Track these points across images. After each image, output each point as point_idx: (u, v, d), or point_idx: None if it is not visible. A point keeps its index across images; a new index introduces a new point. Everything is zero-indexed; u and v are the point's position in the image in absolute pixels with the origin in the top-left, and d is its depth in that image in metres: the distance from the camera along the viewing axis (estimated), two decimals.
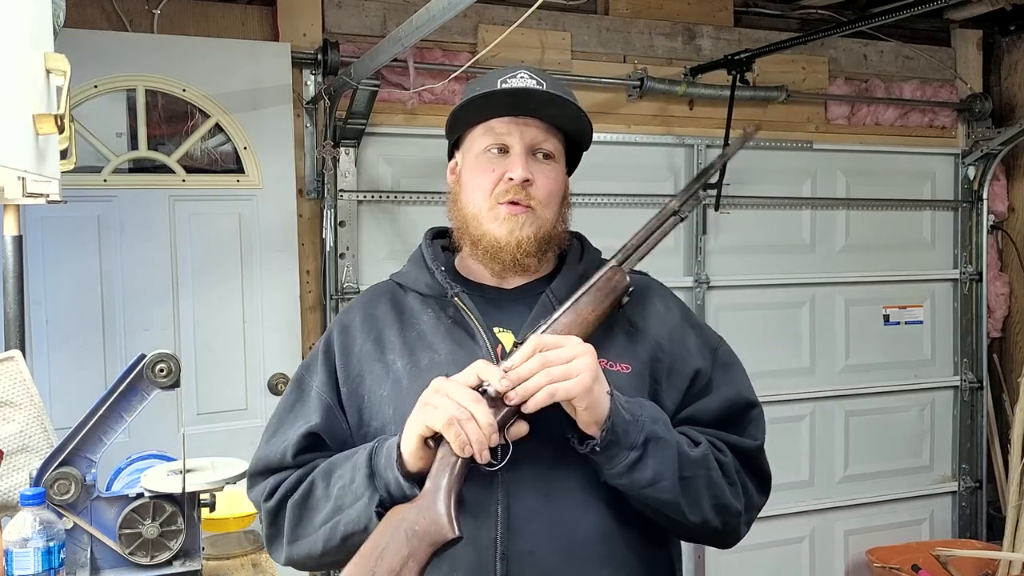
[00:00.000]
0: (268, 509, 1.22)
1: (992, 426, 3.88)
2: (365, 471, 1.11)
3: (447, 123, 1.30)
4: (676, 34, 3.34)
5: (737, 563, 3.45)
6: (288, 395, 1.30)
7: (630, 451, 1.09)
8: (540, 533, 1.13)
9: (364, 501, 1.10)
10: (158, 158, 2.72)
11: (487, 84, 1.25)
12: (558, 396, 1.06)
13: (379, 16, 2.97)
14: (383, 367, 1.23)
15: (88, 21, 2.65)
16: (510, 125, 1.24)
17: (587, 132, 1.29)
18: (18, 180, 1.09)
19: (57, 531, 1.33)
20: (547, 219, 1.24)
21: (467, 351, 1.19)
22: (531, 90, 1.22)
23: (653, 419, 1.12)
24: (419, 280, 1.29)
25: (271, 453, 1.25)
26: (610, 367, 1.19)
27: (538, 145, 1.24)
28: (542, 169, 1.24)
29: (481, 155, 1.25)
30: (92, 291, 2.63)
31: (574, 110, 1.25)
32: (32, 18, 1.14)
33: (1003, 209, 3.90)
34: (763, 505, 1.28)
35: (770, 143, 3.47)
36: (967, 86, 3.76)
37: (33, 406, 1.61)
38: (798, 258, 3.57)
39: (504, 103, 1.23)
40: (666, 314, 1.29)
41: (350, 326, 1.29)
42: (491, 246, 1.23)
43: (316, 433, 1.23)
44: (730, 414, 1.25)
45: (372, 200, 2.95)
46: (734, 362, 1.31)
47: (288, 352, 2.86)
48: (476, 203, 1.25)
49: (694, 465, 1.14)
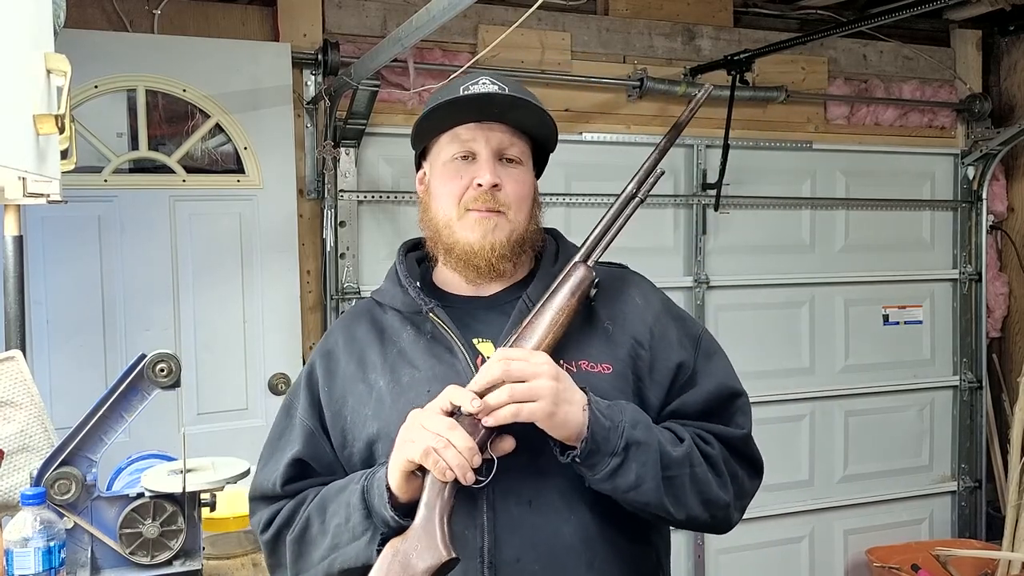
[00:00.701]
0: (265, 541, 1.26)
1: (991, 426, 3.88)
2: (361, 511, 1.13)
3: (412, 133, 1.31)
4: (676, 34, 3.34)
5: (737, 563, 3.46)
6: (277, 423, 1.33)
7: (611, 457, 1.10)
8: (525, 540, 1.15)
9: (365, 540, 1.13)
10: (158, 158, 2.72)
11: (450, 92, 1.25)
12: (522, 416, 1.08)
13: (379, 16, 2.97)
14: (366, 387, 1.24)
15: (88, 21, 2.65)
16: (475, 131, 1.24)
17: (552, 134, 1.30)
18: (19, 180, 1.09)
19: (57, 531, 1.33)
20: (519, 222, 1.25)
21: (447, 365, 1.20)
22: (495, 94, 1.22)
23: (633, 423, 1.12)
24: (395, 298, 1.29)
25: (264, 482, 1.28)
26: (590, 369, 1.20)
27: (504, 150, 1.25)
28: (510, 173, 1.24)
29: (448, 163, 1.25)
30: (93, 291, 2.64)
31: (539, 113, 1.25)
32: (32, 18, 1.14)
33: (1002, 209, 3.90)
34: (756, 489, 1.28)
35: (770, 143, 3.48)
36: (966, 86, 3.76)
37: (34, 406, 1.61)
38: (798, 258, 3.57)
39: (468, 109, 1.23)
40: (645, 307, 1.29)
41: (333, 350, 1.30)
42: (464, 253, 1.23)
43: (302, 460, 1.25)
44: (715, 405, 1.25)
45: (372, 200, 2.95)
46: (717, 350, 1.31)
47: (288, 352, 2.86)
48: (445, 211, 1.25)
49: (677, 464, 1.14)
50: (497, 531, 1.15)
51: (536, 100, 1.26)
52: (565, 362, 1.19)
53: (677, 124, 1.30)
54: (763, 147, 3.46)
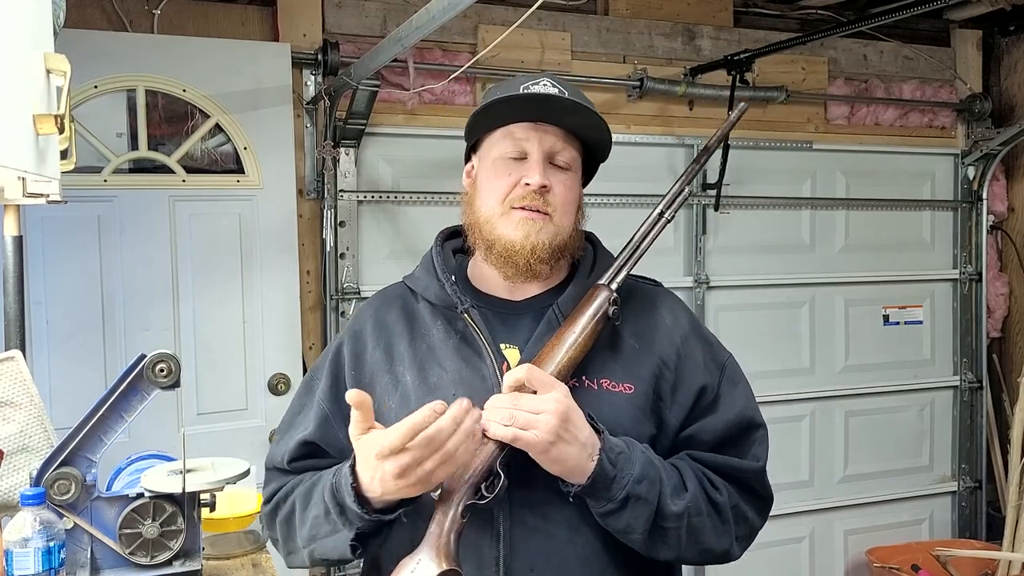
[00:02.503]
0: (264, 515, 1.29)
1: (992, 426, 3.88)
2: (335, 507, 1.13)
3: (467, 125, 1.30)
4: (676, 34, 3.34)
5: (737, 563, 3.45)
6: (299, 396, 1.34)
7: (608, 503, 1.12)
8: (540, 551, 1.16)
9: (341, 533, 1.13)
10: (158, 158, 2.72)
11: (510, 89, 1.25)
12: (518, 443, 1.09)
13: (379, 16, 2.97)
14: (392, 378, 1.25)
15: (88, 21, 2.65)
16: (530, 131, 1.23)
17: (607, 142, 1.30)
18: (18, 180, 1.09)
19: (57, 531, 1.33)
20: (563, 227, 1.24)
21: (474, 369, 1.21)
22: (555, 97, 1.22)
23: (639, 478, 1.12)
24: (429, 289, 1.29)
25: (276, 453, 1.30)
26: (612, 388, 1.20)
27: (556, 153, 1.24)
28: (559, 177, 1.24)
29: (499, 160, 1.25)
30: (92, 291, 2.63)
31: (596, 120, 1.25)
32: (32, 18, 1.14)
33: (1003, 209, 3.90)
34: (762, 525, 1.29)
35: (770, 143, 3.48)
36: (967, 86, 3.76)
37: (33, 406, 1.61)
38: (798, 258, 3.57)
39: (526, 109, 1.23)
40: (674, 327, 1.29)
41: (361, 332, 1.31)
42: (505, 249, 1.23)
43: (312, 442, 1.26)
44: (734, 434, 1.25)
45: (372, 200, 2.95)
46: (741, 380, 1.31)
47: (288, 352, 2.86)
48: (490, 207, 1.25)
49: (675, 518, 1.14)
50: (513, 541, 1.16)
51: (593, 107, 1.26)
52: (588, 379, 1.20)
53: (707, 147, 1.32)
54: (763, 147, 3.46)
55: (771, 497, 1.29)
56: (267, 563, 1.75)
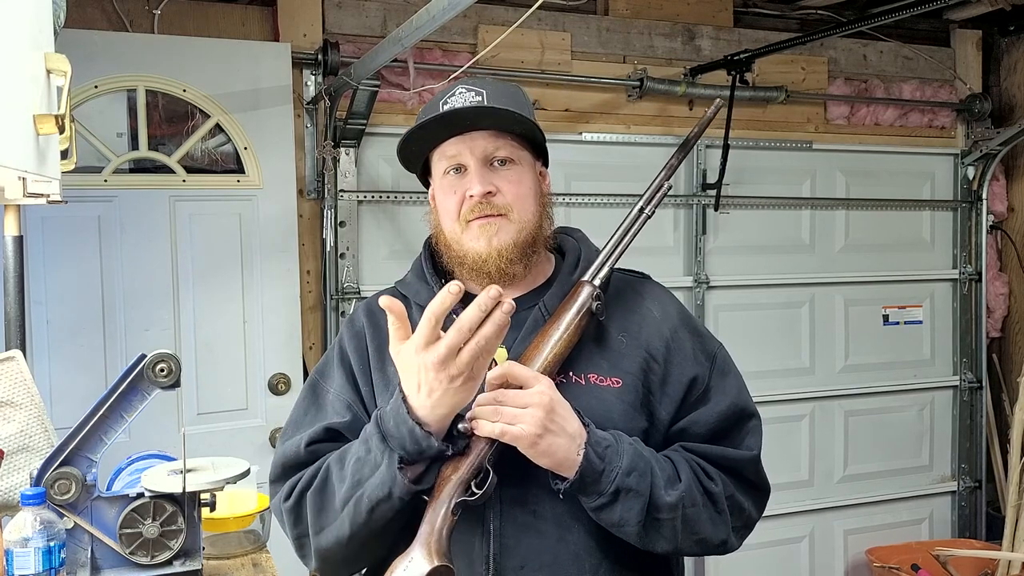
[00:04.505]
0: (288, 509, 1.22)
1: (991, 426, 3.88)
2: (378, 438, 1.10)
3: (400, 160, 1.32)
4: (676, 34, 3.34)
5: (737, 563, 3.45)
6: (302, 401, 1.32)
7: (598, 497, 1.12)
8: (531, 548, 1.16)
9: (384, 464, 1.09)
10: (159, 158, 2.72)
11: (430, 109, 1.26)
12: (506, 438, 1.09)
13: (379, 16, 2.97)
14: (384, 379, 1.26)
15: (88, 21, 2.65)
16: (459, 144, 1.24)
17: (532, 130, 1.26)
18: (18, 180, 1.09)
19: (57, 531, 1.33)
20: (525, 221, 1.24)
21: None
22: (461, 110, 1.22)
23: (628, 470, 1.12)
24: (420, 294, 1.30)
25: (286, 451, 1.26)
26: (599, 382, 1.20)
27: (491, 154, 1.24)
28: (504, 175, 1.24)
29: (443, 179, 1.27)
30: (92, 291, 2.63)
31: (515, 115, 1.23)
32: (32, 18, 1.14)
33: (1002, 209, 3.90)
34: (760, 516, 1.29)
35: (770, 143, 3.48)
36: (966, 86, 3.76)
37: (34, 406, 1.61)
38: (798, 258, 3.57)
39: (441, 127, 1.24)
40: (662, 320, 1.28)
41: (360, 332, 1.32)
42: (475, 262, 1.24)
43: (335, 429, 1.24)
44: (727, 425, 1.25)
45: (372, 200, 2.95)
46: (732, 369, 1.31)
47: (288, 352, 2.86)
48: (449, 226, 1.26)
49: (669, 508, 1.14)
50: (503, 539, 1.16)
51: (512, 101, 1.25)
52: (575, 375, 1.20)
53: (686, 141, 1.34)
54: (763, 147, 3.46)
55: (767, 487, 1.29)
56: (267, 563, 1.75)
